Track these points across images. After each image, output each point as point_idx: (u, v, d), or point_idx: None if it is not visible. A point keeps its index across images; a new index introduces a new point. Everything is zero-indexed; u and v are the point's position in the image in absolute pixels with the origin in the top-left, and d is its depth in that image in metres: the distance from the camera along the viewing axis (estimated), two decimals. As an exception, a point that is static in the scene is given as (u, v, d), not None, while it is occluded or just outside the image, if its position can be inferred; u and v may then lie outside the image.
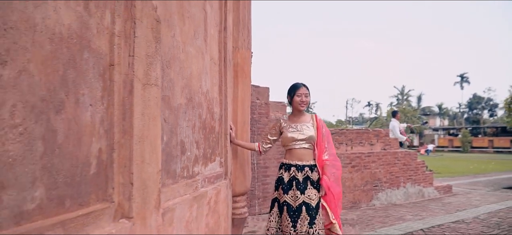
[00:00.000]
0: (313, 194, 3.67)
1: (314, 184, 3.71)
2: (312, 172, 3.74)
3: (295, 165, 3.78)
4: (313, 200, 3.65)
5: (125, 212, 1.69)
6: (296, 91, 3.88)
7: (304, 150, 3.78)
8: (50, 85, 1.29)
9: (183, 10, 2.64)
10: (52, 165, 1.30)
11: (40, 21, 1.24)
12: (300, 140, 3.78)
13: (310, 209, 3.62)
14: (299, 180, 3.71)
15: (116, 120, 1.68)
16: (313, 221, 3.60)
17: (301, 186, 3.69)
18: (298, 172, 3.74)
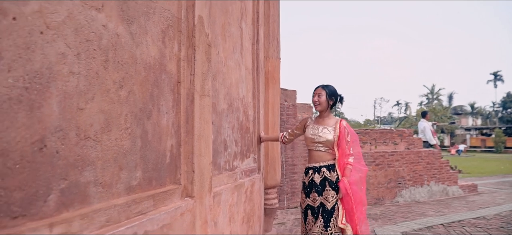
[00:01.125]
0: (330, 196, 3.65)
1: (333, 185, 3.66)
2: (330, 172, 3.71)
3: (312, 167, 3.81)
4: (329, 202, 3.64)
5: (188, 192, 2.25)
6: (314, 92, 3.94)
7: (321, 152, 3.79)
8: (144, 99, 1.86)
9: (224, 31, 3.20)
10: (145, 156, 1.87)
11: (139, 56, 1.81)
12: (317, 143, 3.80)
13: (325, 212, 3.63)
14: (316, 182, 3.73)
15: (182, 123, 2.24)
16: (328, 223, 3.60)
17: (318, 188, 3.71)
18: (315, 173, 3.76)
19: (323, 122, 3.87)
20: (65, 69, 1.32)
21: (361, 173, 3.78)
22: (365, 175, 3.84)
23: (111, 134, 1.59)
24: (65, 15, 1.32)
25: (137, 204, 1.72)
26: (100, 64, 1.52)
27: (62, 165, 1.31)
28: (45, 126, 1.23)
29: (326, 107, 3.88)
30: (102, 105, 1.53)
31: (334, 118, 3.92)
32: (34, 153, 1.19)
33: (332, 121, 3.87)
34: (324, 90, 3.87)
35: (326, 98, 3.84)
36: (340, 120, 3.88)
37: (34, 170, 1.19)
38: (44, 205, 1.23)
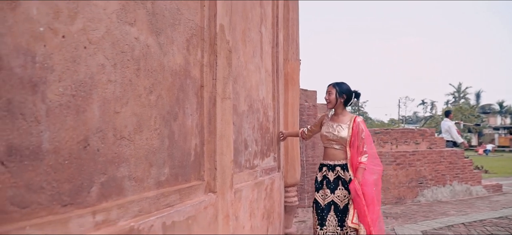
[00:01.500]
0: (342, 195, 3.70)
1: (346, 184, 3.70)
2: (344, 171, 3.74)
3: (326, 164, 3.85)
4: (341, 201, 3.69)
5: (211, 188, 2.44)
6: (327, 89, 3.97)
7: (335, 150, 3.82)
8: (171, 103, 2.05)
9: (245, 36, 3.37)
10: (172, 154, 2.06)
11: (166, 64, 2.00)
12: (331, 140, 3.83)
13: (338, 211, 3.68)
14: (330, 179, 3.77)
15: (205, 124, 2.43)
16: (343, 223, 3.65)
17: (331, 185, 3.74)
18: (329, 171, 3.80)
19: (338, 120, 3.88)
20: (104, 78, 1.52)
21: (375, 174, 3.76)
22: (381, 175, 3.85)
23: (143, 134, 1.78)
24: (104, 31, 1.52)
25: (165, 197, 1.92)
26: (133, 72, 1.71)
27: (102, 162, 1.51)
28: (88, 128, 1.43)
29: (335, 104, 3.87)
30: (135, 109, 1.73)
31: (349, 115, 3.91)
32: (80, 151, 1.39)
33: (346, 118, 3.87)
34: (334, 88, 3.88)
35: (335, 95, 3.84)
36: (354, 117, 3.86)
37: (79, 165, 1.39)
38: (87, 196, 1.43)
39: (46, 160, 1.25)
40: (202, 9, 2.42)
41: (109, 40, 1.55)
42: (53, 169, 1.27)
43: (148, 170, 1.83)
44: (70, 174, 1.35)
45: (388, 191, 7.94)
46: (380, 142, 8.39)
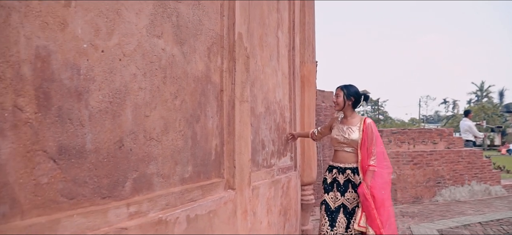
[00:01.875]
0: (351, 197, 3.73)
1: (356, 187, 3.71)
2: (354, 175, 3.75)
3: (337, 167, 3.86)
4: (350, 203, 3.73)
5: (230, 185, 2.62)
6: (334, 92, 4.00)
7: (346, 153, 3.83)
8: (194, 107, 2.24)
9: (262, 42, 3.54)
10: (195, 153, 2.25)
11: (189, 71, 2.19)
12: (342, 143, 3.84)
13: (347, 213, 3.72)
14: (340, 182, 3.79)
15: (225, 126, 2.61)
16: (348, 224, 3.68)
17: (341, 188, 3.77)
18: (339, 174, 3.82)
19: (347, 122, 3.89)
20: (136, 86, 1.72)
21: (384, 177, 3.75)
22: (390, 176, 3.85)
23: (169, 136, 1.98)
24: (136, 45, 1.72)
25: (189, 192, 2.11)
26: (160, 80, 1.91)
27: (134, 160, 1.71)
28: (122, 130, 1.63)
29: (343, 107, 3.88)
30: (162, 113, 1.92)
31: (358, 117, 3.91)
32: (115, 151, 1.59)
33: (356, 120, 3.87)
34: (342, 90, 3.89)
35: (343, 98, 3.84)
36: (364, 119, 3.85)
37: (115, 163, 1.59)
38: (122, 190, 1.62)
39: (89, 158, 1.45)
40: (221, 19, 2.61)
41: (140, 52, 1.75)
42: (94, 166, 1.47)
43: (173, 168, 2.02)
44: (108, 171, 1.55)
45: (405, 190, 8.00)
46: (398, 142, 8.44)
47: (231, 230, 2.54)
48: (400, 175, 7.96)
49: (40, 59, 1.25)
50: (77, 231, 1.34)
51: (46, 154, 1.27)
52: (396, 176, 7.95)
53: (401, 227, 6.11)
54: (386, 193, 3.73)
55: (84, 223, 1.38)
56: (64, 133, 1.34)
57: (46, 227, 1.23)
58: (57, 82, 1.32)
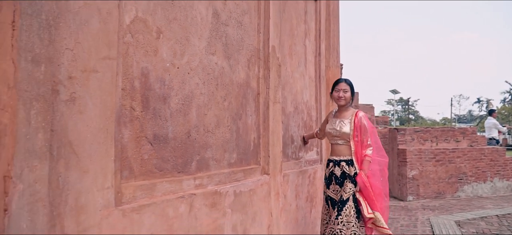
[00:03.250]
0: (348, 188, 3.70)
1: (351, 178, 3.72)
2: (349, 167, 3.76)
3: (333, 160, 3.88)
4: (346, 193, 3.69)
5: (265, 170, 3.20)
6: (335, 86, 3.95)
7: (340, 146, 3.86)
8: (237, 106, 2.84)
9: (291, 51, 4.11)
10: (238, 144, 2.84)
11: (234, 79, 2.79)
12: (335, 136, 3.88)
13: (340, 201, 3.71)
14: (337, 175, 3.80)
15: (261, 123, 3.20)
16: (340, 213, 3.65)
17: (339, 180, 3.78)
18: (335, 167, 3.83)
19: (340, 115, 3.93)
20: (198, 92, 2.33)
21: (381, 165, 3.84)
22: (386, 165, 3.93)
23: (220, 129, 2.58)
24: (198, 61, 2.33)
25: (234, 174, 2.71)
26: (214, 87, 2.51)
27: (197, 147, 2.31)
28: (190, 124, 2.24)
29: (349, 101, 3.96)
30: (215, 112, 2.52)
31: (351, 110, 3.96)
32: (185, 139, 2.20)
33: (349, 113, 3.91)
34: (348, 85, 3.92)
35: (350, 93, 3.92)
36: (356, 112, 3.90)
37: (185, 148, 2.20)
38: (190, 168, 2.24)
39: (170, 144, 2.06)
40: (258, 35, 3.19)
41: (201, 66, 2.36)
42: (173, 149, 2.09)
43: (223, 154, 2.62)
44: (181, 153, 2.16)
45: (427, 186, 8.36)
46: (420, 140, 8.81)
47: (266, 208, 3.13)
48: (422, 171, 8.33)
49: (144, 76, 1.87)
50: (165, 192, 1.96)
51: (147, 139, 1.89)
52: (419, 172, 8.33)
53: (421, 218, 6.53)
54: (383, 181, 3.83)
55: (169, 188, 2.00)
56: (156, 125, 1.96)
57: (148, 187, 1.85)
58: (152, 90, 1.94)
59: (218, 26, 2.57)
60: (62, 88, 1.31)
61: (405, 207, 7.68)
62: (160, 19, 1.99)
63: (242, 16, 2.93)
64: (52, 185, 1.24)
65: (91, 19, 1.44)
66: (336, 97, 3.92)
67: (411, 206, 7.71)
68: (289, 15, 4.01)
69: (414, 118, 67.48)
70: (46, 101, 1.20)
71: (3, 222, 1.04)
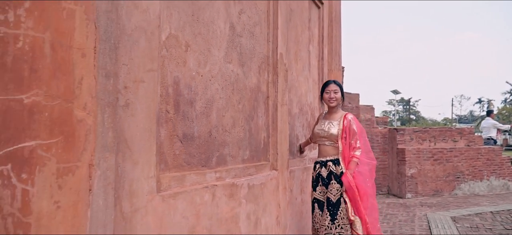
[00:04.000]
0: (334, 189, 3.66)
1: (338, 178, 3.67)
2: (336, 166, 3.72)
3: (319, 161, 3.85)
4: (334, 195, 3.64)
5: (274, 166, 3.53)
6: (325, 88, 3.93)
7: (326, 147, 3.84)
8: (250, 109, 3.17)
9: (296, 56, 4.44)
10: (251, 142, 3.17)
11: (247, 84, 3.12)
12: (322, 137, 3.86)
13: (330, 205, 3.63)
14: (323, 176, 3.76)
15: (270, 123, 3.53)
16: (335, 217, 3.60)
17: (325, 181, 3.73)
18: (321, 167, 3.79)
19: (330, 117, 3.91)
20: (218, 96, 2.66)
21: (368, 165, 3.81)
22: (374, 167, 3.90)
23: (235, 129, 2.91)
24: (218, 70, 2.66)
25: (247, 169, 3.04)
26: (230, 91, 2.84)
27: (217, 144, 2.64)
28: (211, 125, 2.57)
29: (340, 102, 3.93)
30: (232, 113, 2.85)
31: (341, 112, 3.92)
32: (207, 138, 2.53)
33: (338, 115, 3.88)
34: (338, 86, 3.91)
35: (340, 94, 3.89)
36: (345, 114, 3.86)
37: (207, 146, 2.53)
38: (211, 163, 2.56)
39: (195, 142, 2.40)
40: (268, 44, 3.52)
41: (220, 74, 2.69)
42: (198, 146, 2.42)
43: (238, 151, 2.95)
44: (204, 150, 2.49)
45: (425, 184, 8.68)
46: (419, 140, 9.13)
47: (275, 200, 3.46)
48: (420, 170, 8.66)
49: (175, 83, 2.20)
50: (193, 183, 2.29)
51: (178, 138, 2.22)
52: (417, 170, 8.65)
53: (418, 214, 6.85)
54: (370, 185, 3.81)
55: (195, 179, 2.33)
56: (185, 126, 2.29)
57: (179, 178, 2.18)
58: (182, 96, 2.27)
59: (233, 37, 2.90)
60: (120, 96, 1.64)
61: (404, 204, 8.01)
62: (188, 34, 2.32)
63: (254, 27, 3.26)
64: (116, 173, 1.57)
65: (140, 39, 1.78)
66: (327, 98, 3.89)
67: (409, 203, 8.03)
68: (294, 24, 4.33)
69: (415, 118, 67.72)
70: (112, 107, 1.53)
71: (89, 198, 1.37)
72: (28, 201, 1.20)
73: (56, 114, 1.26)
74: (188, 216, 2.16)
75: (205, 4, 2.51)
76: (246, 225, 2.86)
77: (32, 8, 1.22)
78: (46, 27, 1.24)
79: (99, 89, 1.42)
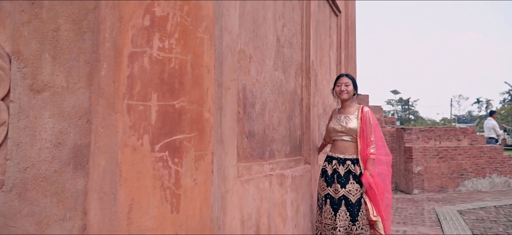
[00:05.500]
0: (354, 189, 3.55)
1: (357, 178, 3.58)
2: (355, 166, 3.61)
3: (337, 158, 3.69)
4: (353, 195, 3.54)
5: (307, 161, 3.99)
6: (337, 81, 3.80)
7: (345, 143, 3.69)
8: (289, 110, 3.62)
9: (321, 62, 4.90)
10: (290, 139, 3.63)
11: (288, 88, 3.57)
12: (340, 132, 3.70)
13: (350, 205, 3.52)
14: (340, 173, 3.62)
15: (304, 122, 3.98)
16: (356, 218, 3.50)
17: (342, 180, 3.59)
18: (339, 165, 3.64)
19: (345, 111, 3.78)
20: (268, 99, 3.11)
21: (385, 164, 3.74)
22: (390, 164, 3.84)
23: (280, 128, 3.36)
24: (269, 76, 3.11)
25: (289, 162, 3.49)
26: (277, 95, 3.30)
27: (269, 141, 3.10)
28: (265, 124, 3.03)
29: (352, 95, 3.79)
30: (278, 114, 3.31)
31: (356, 105, 3.83)
32: (262, 135, 2.98)
33: (353, 108, 3.78)
34: (349, 79, 3.80)
35: (352, 87, 3.76)
36: (361, 107, 3.78)
37: (263, 142, 2.98)
38: (266, 156, 3.02)
39: (255, 138, 2.85)
40: (302, 52, 3.98)
41: (270, 80, 3.14)
42: (257, 142, 2.87)
43: (282, 147, 3.41)
44: (261, 145, 2.95)
45: (431, 180, 9.15)
46: (425, 139, 9.60)
47: (309, 191, 3.92)
48: (427, 167, 9.13)
49: (243, 89, 2.66)
50: (256, 173, 2.75)
51: (245, 134, 2.68)
52: (423, 168, 9.13)
53: (427, 208, 7.32)
54: (387, 182, 3.76)
55: (257, 169, 2.78)
56: (249, 124, 2.74)
57: (248, 168, 2.64)
58: (247, 99, 2.72)
59: (278, 48, 3.36)
60: (218, 101, 2.10)
61: (412, 199, 8.48)
62: (250, 48, 2.78)
63: (292, 38, 3.72)
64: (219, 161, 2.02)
65: (228, 55, 2.23)
66: (338, 91, 3.77)
67: (417, 198, 8.50)
68: (319, 32, 4.79)
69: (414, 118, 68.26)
70: (219, 110, 1.98)
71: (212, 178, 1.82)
72: (179, 178, 1.65)
73: (193, 115, 1.72)
74: (255, 199, 2.62)
75: (261, 21, 2.97)
76: (290, 210, 3.32)
77: (179, 37, 1.67)
78: (188, 51, 1.69)
79: (216, 97, 1.87)
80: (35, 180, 1.66)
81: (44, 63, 1.69)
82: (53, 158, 1.68)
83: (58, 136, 1.69)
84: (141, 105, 1.60)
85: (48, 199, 1.66)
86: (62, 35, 1.70)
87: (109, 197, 1.59)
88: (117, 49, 1.61)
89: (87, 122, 1.70)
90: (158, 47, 1.62)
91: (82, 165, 1.69)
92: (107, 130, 1.61)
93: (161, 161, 1.62)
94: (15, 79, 1.66)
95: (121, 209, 1.57)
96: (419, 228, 5.83)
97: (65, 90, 1.70)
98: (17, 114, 1.66)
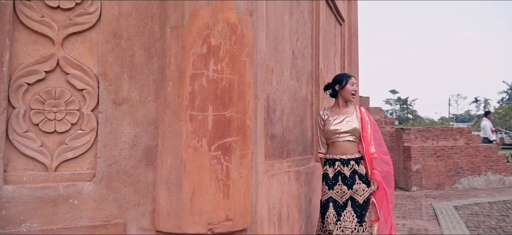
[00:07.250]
0: (361, 189, 3.48)
1: (363, 178, 3.51)
2: (359, 165, 3.55)
3: (339, 159, 3.57)
4: (360, 196, 3.46)
5: (317, 159, 4.44)
6: (348, 80, 3.70)
7: (348, 143, 3.59)
8: (302, 114, 4.08)
9: (327, 69, 5.35)
10: (303, 140, 4.08)
11: (300, 95, 4.03)
12: (344, 133, 3.59)
13: (357, 206, 3.43)
14: (345, 174, 3.52)
15: (313, 125, 4.44)
16: (363, 218, 3.41)
17: (348, 181, 3.50)
18: (343, 166, 3.54)
19: (343, 112, 3.70)
20: (286, 105, 3.57)
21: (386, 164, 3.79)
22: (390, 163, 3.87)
23: (295, 130, 3.82)
24: (286, 85, 3.57)
25: (302, 160, 3.95)
26: (293, 101, 3.75)
27: (286, 142, 3.55)
28: (283, 127, 3.48)
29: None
30: (293, 118, 3.76)
31: (351, 106, 3.79)
32: (281, 137, 3.44)
33: (350, 109, 3.74)
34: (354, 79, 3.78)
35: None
36: (358, 106, 3.81)
37: (282, 142, 3.43)
38: (284, 155, 3.47)
39: (276, 139, 3.31)
40: (312, 61, 4.44)
41: (287, 88, 3.60)
42: (277, 143, 3.33)
43: (296, 147, 3.86)
44: (280, 145, 3.40)
45: (429, 178, 9.64)
46: (423, 138, 10.08)
47: (319, 186, 4.37)
48: (424, 165, 9.61)
49: (267, 98, 3.11)
50: (278, 169, 3.20)
51: (268, 136, 3.13)
52: (421, 166, 9.61)
53: (424, 204, 7.80)
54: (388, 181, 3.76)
55: (279, 166, 3.24)
56: (271, 127, 3.20)
57: (271, 165, 3.09)
58: (269, 106, 3.18)
59: (293, 60, 3.81)
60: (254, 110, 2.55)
61: (410, 195, 8.95)
62: (272, 62, 3.23)
63: (304, 49, 4.18)
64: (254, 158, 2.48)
65: (259, 71, 2.68)
66: (350, 90, 3.67)
67: (415, 195, 8.98)
68: (326, 42, 5.25)
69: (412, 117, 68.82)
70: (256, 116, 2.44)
71: (252, 172, 2.28)
72: (229, 172, 2.11)
73: (239, 123, 2.17)
74: (278, 191, 3.07)
75: (280, 38, 3.42)
76: (304, 202, 3.78)
77: (229, 61, 2.12)
78: (235, 72, 2.15)
79: (254, 106, 2.33)
80: (118, 174, 2.11)
81: (123, 82, 2.14)
82: (130, 156, 2.14)
83: (134, 139, 2.14)
84: (200, 115, 2.05)
85: (127, 188, 2.11)
86: (136, 60, 2.16)
87: (175, 187, 2.05)
88: (181, 71, 2.07)
89: (155, 128, 2.16)
90: (213, 70, 2.08)
91: (152, 162, 2.15)
92: (173, 134, 2.07)
93: (215, 159, 2.07)
94: (102, 95, 2.10)
95: (185, 196, 2.03)
96: (417, 221, 6.30)
97: (138, 103, 2.15)
98: (104, 122, 2.10)
